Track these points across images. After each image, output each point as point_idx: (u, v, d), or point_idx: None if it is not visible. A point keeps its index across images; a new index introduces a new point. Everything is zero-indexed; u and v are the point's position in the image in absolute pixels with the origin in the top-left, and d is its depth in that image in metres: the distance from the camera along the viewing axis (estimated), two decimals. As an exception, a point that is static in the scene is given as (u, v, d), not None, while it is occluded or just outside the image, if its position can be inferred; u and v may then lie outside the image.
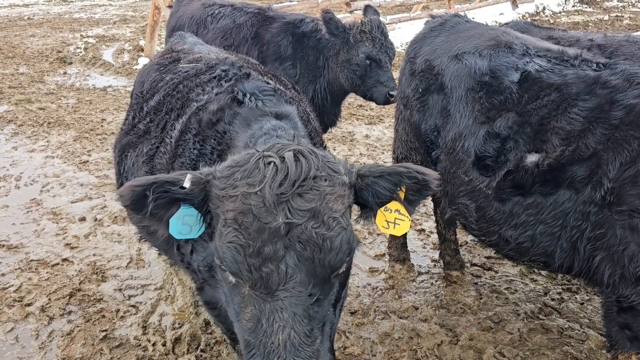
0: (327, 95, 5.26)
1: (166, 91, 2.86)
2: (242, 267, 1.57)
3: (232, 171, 1.67)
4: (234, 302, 1.70)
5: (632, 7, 20.22)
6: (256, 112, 2.30)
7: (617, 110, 2.54)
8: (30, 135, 7.10)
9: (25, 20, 16.01)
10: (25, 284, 4.08)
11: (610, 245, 2.46)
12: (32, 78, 9.80)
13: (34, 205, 5.30)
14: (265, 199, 1.58)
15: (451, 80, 3.19)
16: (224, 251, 1.60)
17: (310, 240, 1.56)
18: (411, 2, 15.05)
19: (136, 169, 2.75)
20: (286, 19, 5.33)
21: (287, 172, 1.61)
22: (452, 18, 3.70)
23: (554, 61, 2.94)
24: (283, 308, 1.55)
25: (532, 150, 2.74)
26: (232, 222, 1.60)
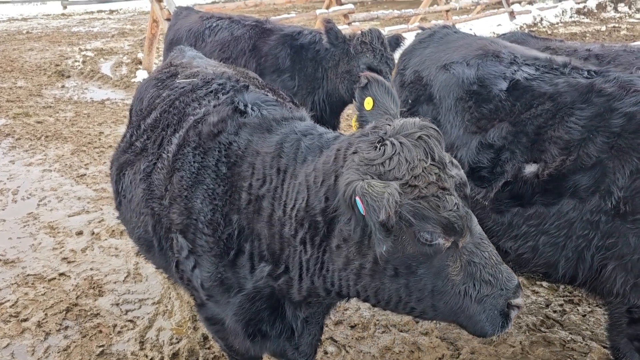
0: (326, 106, 5.25)
1: (163, 108, 2.84)
2: (464, 219, 1.78)
3: (396, 160, 1.80)
4: (442, 271, 1.85)
5: (629, 17, 20.36)
6: (275, 119, 2.33)
7: (616, 118, 2.52)
8: (28, 148, 7.08)
9: (23, 34, 16.07)
10: (21, 299, 4.03)
11: (623, 254, 2.42)
12: (30, 91, 9.80)
13: (30, 219, 5.26)
14: (441, 162, 1.81)
15: (439, 91, 3.18)
16: (452, 215, 1.75)
17: (462, 181, 1.86)
18: (409, 14, 15.14)
19: (134, 186, 2.72)
20: (284, 31, 5.34)
21: (435, 138, 1.86)
22: (441, 29, 3.71)
23: (542, 69, 2.93)
24: (482, 238, 1.87)
25: (530, 160, 2.71)
26: (440, 192, 1.76)
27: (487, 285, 1.84)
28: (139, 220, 2.68)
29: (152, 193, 2.53)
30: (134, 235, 2.86)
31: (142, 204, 2.61)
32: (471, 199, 1.99)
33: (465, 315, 1.88)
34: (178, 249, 2.39)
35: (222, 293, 2.33)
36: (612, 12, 21.67)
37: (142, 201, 2.61)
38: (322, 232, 1.98)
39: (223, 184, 2.26)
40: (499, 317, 1.86)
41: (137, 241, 2.88)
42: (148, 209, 2.56)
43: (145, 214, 2.60)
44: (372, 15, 13.91)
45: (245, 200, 2.19)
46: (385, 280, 1.91)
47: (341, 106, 5.39)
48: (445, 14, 15.65)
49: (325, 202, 1.94)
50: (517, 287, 1.87)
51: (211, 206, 2.25)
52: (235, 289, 2.32)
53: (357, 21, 12.81)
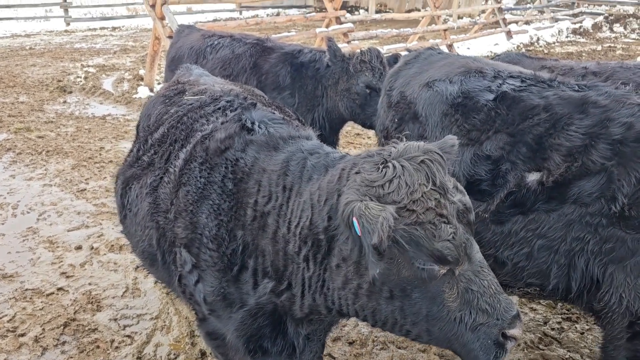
0: (326, 123, 5.31)
1: (171, 123, 2.89)
2: (460, 250, 1.78)
3: (396, 183, 1.81)
4: (437, 297, 1.84)
5: (625, 37, 20.61)
6: (281, 137, 2.36)
7: (615, 127, 2.56)
8: (29, 163, 7.11)
9: (27, 50, 16.19)
10: (19, 314, 4.03)
11: (622, 258, 2.45)
12: (32, 107, 9.86)
13: (30, 233, 5.27)
14: (442, 188, 1.81)
15: (424, 109, 3.22)
16: (446, 246, 1.75)
17: (465, 208, 1.85)
18: (407, 33, 15.31)
19: (140, 200, 2.76)
20: (284, 50, 5.42)
21: (438, 163, 1.86)
22: (426, 51, 3.78)
23: (528, 82, 2.98)
24: (482, 266, 1.85)
25: (533, 168, 2.74)
26: (438, 219, 1.76)
27: (483, 314, 1.83)
28: (143, 233, 2.71)
29: (158, 207, 2.56)
30: (138, 248, 2.88)
31: (147, 217, 2.64)
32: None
33: (459, 343, 1.89)
34: (181, 263, 2.42)
35: (224, 308, 2.35)
36: (608, 32, 21.95)
37: (147, 215, 2.64)
38: (324, 250, 2.00)
39: (229, 199, 2.29)
40: (493, 346, 1.85)
41: (140, 255, 2.89)
42: (153, 223, 2.59)
43: (150, 227, 2.63)
44: (371, 34, 14.07)
45: (250, 217, 2.22)
46: (381, 302, 1.93)
47: (340, 123, 5.45)
48: (443, 33, 15.84)
49: (327, 220, 1.98)
50: (515, 318, 1.86)
51: (216, 221, 2.27)
52: (238, 304, 2.34)
53: (356, 40, 12.96)
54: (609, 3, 28.99)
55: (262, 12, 27.49)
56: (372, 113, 5.03)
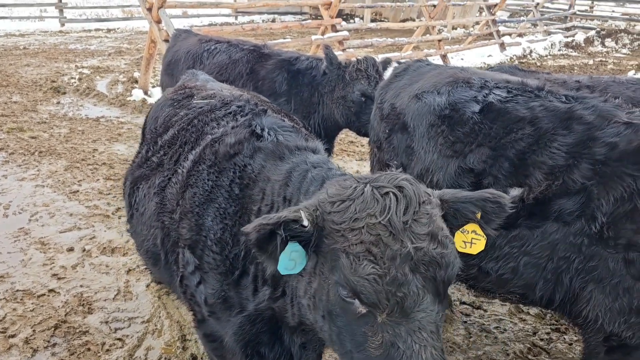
0: (321, 130, 5.35)
1: (181, 126, 2.92)
2: (381, 296, 1.62)
3: (347, 205, 1.72)
4: (357, 333, 1.71)
5: (616, 52, 20.88)
6: (288, 147, 2.37)
7: (598, 147, 2.59)
8: (21, 163, 7.08)
9: (20, 49, 16.12)
10: (9, 315, 4.01)
11: (602, 278, 2.49)
12: (25, 107, 9.81)
13: (22, 234, 5.25)
14: (393, 227, 1.65)
15: (413, 119, 3.27)
16: (362, 284, 1.63)
17: (432, 260, 1.65)
18: (402, 42, 15.42)
19: (147, 200, 2.79)
20: (281, 57, 5.46)
21: (407, 201, 1.70)
22: (415, 63, 3.85)
23: (515, 92, 2.99)
24: (421, 328, 1.62)
25: (514, 184, 2.77)
26: (364, 255, 1.64)
27: None
28: (149, 233, 2.73)
29: (164, 207, 2.59)
30: (142, 248, 2.90)
31: (153, 217, 2.67)
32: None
33: None
34: (184, 264, 2.44)
35: (224, 311, 2.37)
36: (600, 46, 22.23)
37: (154, 214, 2.67)
38: None
39: (234, 204, 2.32)
40: None
41: (145, 254, 2.91)
42: (159, 222, 2.62)
43: (155, 227, 2.66)
44: (366, 42, 14.16)
45: None
46: (318, 319, 1.91)
47: (336, 130, 5.50)
48: (437, 43, 15.96)
49: None
50: None
51: (221, 225, 2.29)
52: (237, 308, 2.36)
53: (351, 48, 13.03)
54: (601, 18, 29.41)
55: (257, 18, 27.54)
56: (366, 121, 5.06)
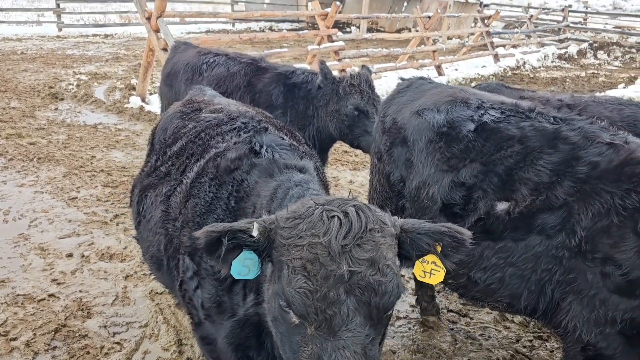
0: (316, 142, 5.51)
1: (189, 138, 3.08)
2: (310, 310, 1.72)
3: (296, 222, 1.84)
4: (293, 341, 1.84)
5: (608, 65, 21.21)
6: (278, 165, 2.50)
7: (581, 165, 2.76)
8: (20, 169, 7.19)
9: (18, 54, 16.24)
10: (10, 319, 4.13)
11: (580, 290, 2.65)
12: (24, 113, 9.92)
13: (21, 240, 5.36)
14: (331, 249, 1.74)
15: (413, 134, 3.45)
16: (294, 296, 1.74)
17: (368, 286, 1.73)
18: (397, 53, 15.65)
19: (154, 208, 2.94)
20: (278, 70, 5.63)
21: (350, 226, 1.78)
22: (418, 80, 4.04)
23: (508, 112, 3.18)
24: (345, 347, 1.70)
25: (502, 198, 2.94)
26: (300, 270, 1.75)
27: None
28: (154, 239, 2.88)
29: (169, 215, 2.74)
30: (147, 253, 3.05)
31: (159, 224, 2.82)
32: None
33: None
34: (184, 269, 2.59)
35: (218, 314, 2.51)
36: (592, 58, 22.58)
37: (159, 221, 2.82)
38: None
39: (231, 216, 2.46)
40: None
41: (150, 259, 3.06)
42: (163, 229, 2.77)
43: (160, 233, 2.81)
44: (361, 52, 14.37)
45: None
46: (270, 322, 2.02)
47: (330, 142, 5.66)
48: (432, 54, 16.20)
49: None
50: None
51: None
52: (229, 313, 2.49)
53: (347, 58, 13.23)
54: (595, 30, 29.84)
55: (254, 25, 27.76)
56: (359, 134, 5.25)
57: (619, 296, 2.53)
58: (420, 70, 14.76)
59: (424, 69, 15.38)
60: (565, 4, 34.79)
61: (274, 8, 29.31)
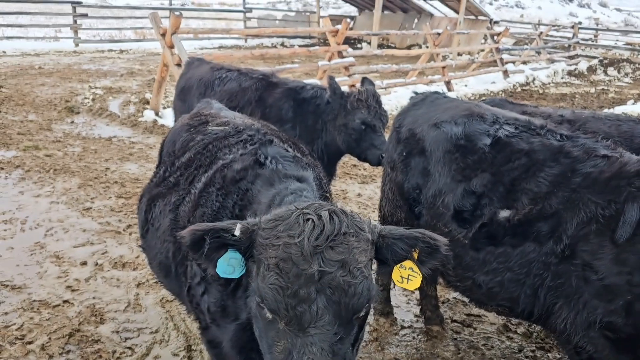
0: (324, 155, 5.65)
1: (197, 150, 3.21)
2: (281, 305, 1.81)
3: (276, 224, 1.95)
4: (268, 336, 1.94)
5: (618, 81, 21.21)
6: (279, 174, 2.62)
7: (576, 177, 2.92)
8: (37, 180, 7.40)
9: (36, 69, 16.64)
10: (27, 323, 4.27)
11: (567, 294, 2.78)
12: (41, 125, 10.19)
13: (37, 248, 5.53)
14: (303, 249, 1.83)
15: (430, 145, 3.60)
16: (266, 291, 1.84)
17: (338, 286, 1.81)
18: (407, 68, 15.82)
19: (162, 216, 3.06)
20: (288, 85, 5.79)
21: (322, 228, 1.87)
22: (432, 94, 4.20)
23: (521, 128, 3.36)
24: (313, 343, 1.79)
25: (505, 206, 3.09)
26: (274, 267, 1.85)
27: None
28: (162, 246, 3.01)
29: (178, 223, 2.86)
30: (155, 261, 3.17)
31: (167, 232, 2.94)
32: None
33: None
34: (191, 275, 2.71)
35: (223, 318, 2.63)
36: (602, 75, 22.58)
37: (168, 230, 2.94)
38: None
39: None
40: None
41: (157, 267, 3.18)
42: (172, 237, 2.89)
43: (169, 241, 2.93)
44: (371, 68, 14.57)
45: None
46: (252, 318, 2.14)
47: (338, 156, 5.80)
48: (441, 70, 16.35)
49: None
50: None
51: None
52: (232, 316, 2.60)
53: (357, 74, 13.41)
54: (605, 47, 29.87)
55: (267, 41, 28.16)
56: (366, 147, 5.38)
57: (597, 300, 2.66)
58: (430, 85, 14.90)
59: (433, 84, 15.53)
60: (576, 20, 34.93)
61: (285, 25, 29.74)
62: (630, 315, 2.56)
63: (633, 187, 2.69)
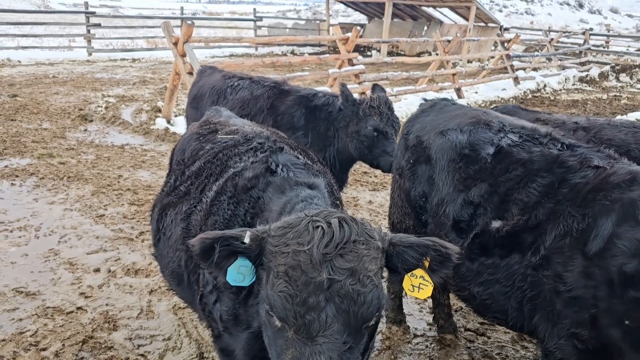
0: (336, 162, 5.66)
1: (207, 158, 3.21)
2: (289, 313, 1.80)
3: (285, 231, 1.94)
4: (277, 345, 1.92)
5: (630, 87, 21.03)
6: (290, 182, 2.62)
7: (564, 188, 2.83)
8: (51, 188, 7.47)
9: (50, 78, 16.85)
10: (41, 330, 4.30)
11: (543, 306, 2.76)
12: (55, 134, 10.30)
13: (51, 255, 5.58)
14: (313, 257, 1.82)
15: (436, 153, 3.57)
16: (275, 299, 1.83)
17: (347, 294, 1.79)
18: (417, 76, 15.81)
19: (174, 225, 3.06)
20: (300, 93, 5.82)
21: (332, 236, 1.86)
22: (441, 101, 4.16)
23: (525, 137, 3.27)
24: (321, 352, 1.76)
25: (496, 217, 3.04)
26: (283, 275, 1.84)
27: None
28: (174, 255, 3.01)
29: (189, 232, 2.87)
30: (167, 269, 3.18)
31: (179, 240, 2.95)
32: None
33: None
34: (203, 284, 2.71)
35: (235, 327, 2.62)
36: (614, 81, 22.40)
37: (180, 238, 2.95)
38: None
39: None
40: None
41: (169, 275, 3.19)
42: (184, 246, 2.89)
43: (181, 250, 2.94)
44: (381, 76, 14.57)
45: None
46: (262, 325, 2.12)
47: (350, 162, 5.80)
48: (452, 77, 16.33)
49: None
50: None
51: None
52: (245, 325, 2.60)
53: (367, 81, 13.43)
54: (617, 53, 29.66)
55: (277, 49, 28.31)
56: (378, 154, 5.38)
57: (567, 311, 2.63)
58: (440, 93, 14.88)
59: (443, 91, 15.51)
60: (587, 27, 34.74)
61: (296, 33, 29.88)
62: (594, 328, 2.51)
63: (608, 199, 2.60)
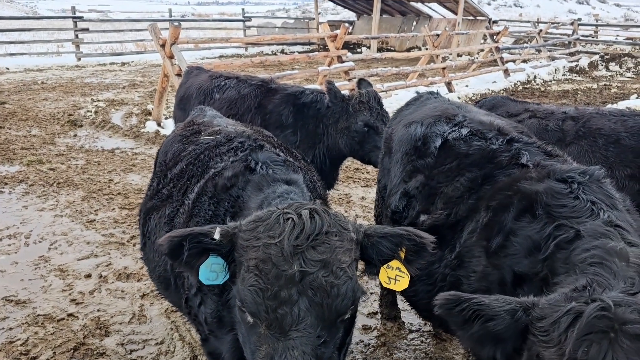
0: (326, 159, 5.62)
1: (189, 160, 3.19)
2: (261, 308, 1.77)
3: (256, 225, 1.90)
4: (251, 341, 1.89)
5: (620, 76, 21.10)
6: (268, 179, 2.59)
7: (488, 184, 2.68)
8: (41, 194, 7.41)
9: (39, 84, 16.72)
10: (31, 338, 4.24)
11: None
12: (44, 140, 10.22)
13: (42, 261, 5.52)
14: (283, 249, 1.79)
15: (396, 145, 3.54)
16: (245, 294, 1.80)
17: (320, 287, 1.76)
18: (407, 70, 15.80)
19: (158, 229, 3.03)
20: (287, 91, 5.78)
21: (302, 227, 1.83)
22: (426, 94, 4.11)
23: (474, 131, 3.07)
24: (294, 347, 1.73)
25: (424, 210, 2.96)
26: (253, 269, 1.81)
27: None
28: (160, 259, 2.98)
29: None
30: (154, 273, 3.14)
31: None
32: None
33: None
34: (188, 287, 2.67)
35: (220, 329, 2.59)
36: (604, 70, 22.47)
37: None
38: None
39: None
40: None
41: (157, 279, 3.15)
42: None
43: None
44: (371, 72, 14.54)
45: None
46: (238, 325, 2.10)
47: (340, 159, 5.77)
48: (442, 71, 16.31)
49: None
50: None
51: None
52: (229, 327, 2.56)
53: (357, 77, 13.40)
54: (606, 43, 29.76)
55: (267, 49, 28.22)
56: (369, 149, 5.36)
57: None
58: (430, 87, 14.87)
59: (434, 86, 15.49)
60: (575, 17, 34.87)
61: (285, 32, 29.80)
62: None
63: (514, 198, 2.43)
